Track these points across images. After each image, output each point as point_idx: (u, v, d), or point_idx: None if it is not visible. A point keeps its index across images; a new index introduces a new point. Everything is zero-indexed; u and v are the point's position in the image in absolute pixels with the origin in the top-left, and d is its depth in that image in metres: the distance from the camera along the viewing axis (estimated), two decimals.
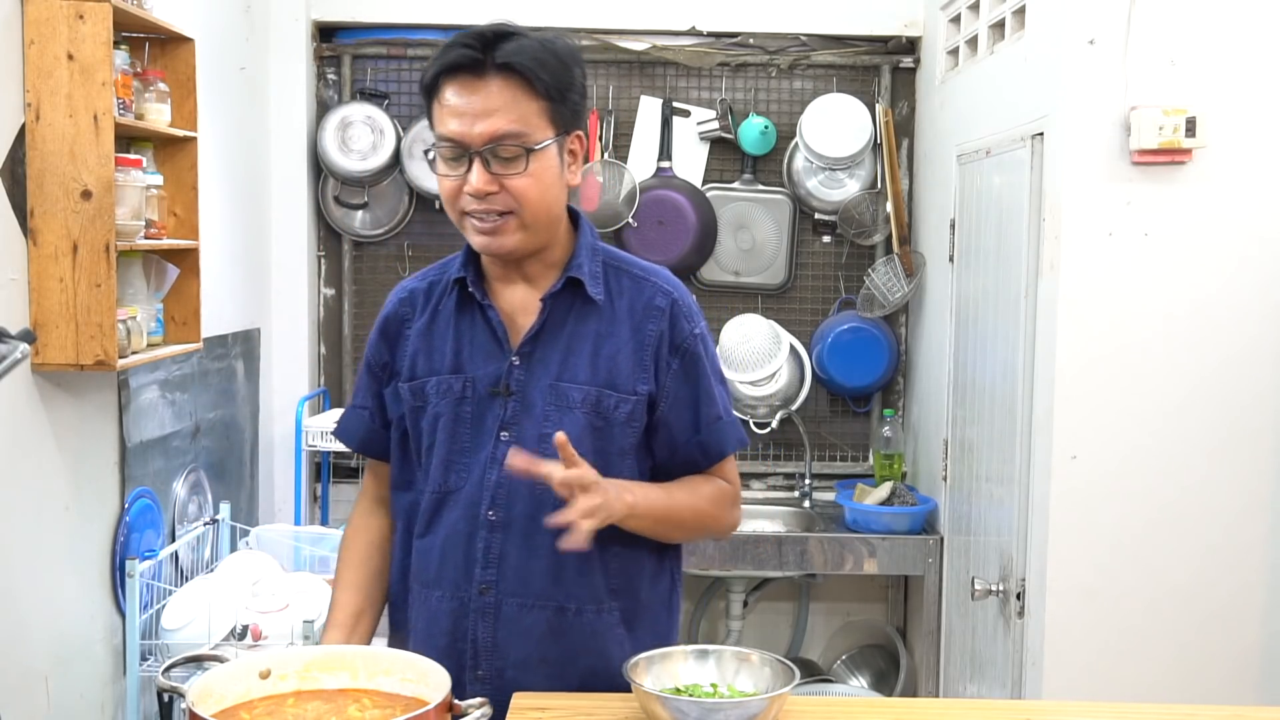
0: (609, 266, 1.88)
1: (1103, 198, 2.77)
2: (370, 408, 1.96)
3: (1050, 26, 2.89)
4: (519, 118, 1.73)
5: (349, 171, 4.01)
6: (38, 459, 2.59)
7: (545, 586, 1.82)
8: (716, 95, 4.17)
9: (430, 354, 1.86)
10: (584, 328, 1.84)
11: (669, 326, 1.86)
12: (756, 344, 3.94)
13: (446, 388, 1.84)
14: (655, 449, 1.88)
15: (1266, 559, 2.82)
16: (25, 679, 2.57)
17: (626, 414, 1.83)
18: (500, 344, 1.83)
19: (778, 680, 1.68)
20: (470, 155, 1.74)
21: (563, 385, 1.82)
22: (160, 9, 2.84)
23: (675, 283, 1.91)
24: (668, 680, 1.72)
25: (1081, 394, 2.80)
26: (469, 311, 1.86)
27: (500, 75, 1.73)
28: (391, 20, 4.12)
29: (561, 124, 1.78)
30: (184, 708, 1.45)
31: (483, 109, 1.73)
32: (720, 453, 1.90)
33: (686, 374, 1.87)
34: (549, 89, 1.75)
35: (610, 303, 1.86)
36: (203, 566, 3.24)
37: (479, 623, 1.82)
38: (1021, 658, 2.96)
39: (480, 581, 1.82)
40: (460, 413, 1.84)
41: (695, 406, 1.88)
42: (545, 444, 1.78)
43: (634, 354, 1.84)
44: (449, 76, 1.75)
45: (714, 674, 1.75)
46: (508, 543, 1.81)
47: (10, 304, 2.48)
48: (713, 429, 1.89)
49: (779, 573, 3.91)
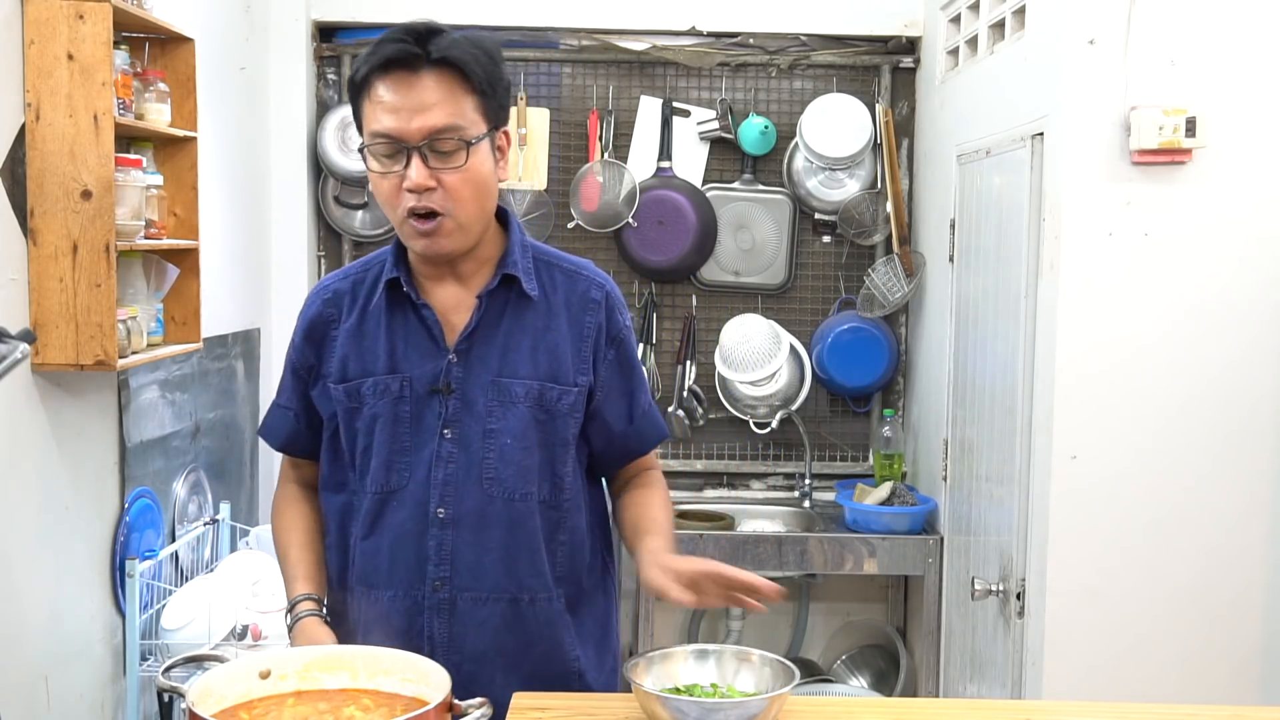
0: (539, 262, 1.91)
1: (1103, 198, 2.77)
2: (295, 409, 1.96)
3: (1050, 26, 2.89)
4: (456, 111, 1.74)
5: (349, 171, 4.01)
6: (38, 459, 2.59)
7: (498, 579, 1.85)
8: (716, 95, 4.17)
9: (362, 354, 1.87)
10: (521, 323, 1.86)
11: (605, 318, 1.91)
12: (756, 344, 3.94)
13: (384, 388, 1.84)
14: (591, 438, 1.93)
15: (1267, 558, 2.81)
16: (25, 679, 2.57)
17: (569, 405, 1.87)
18: (436, 342, 1.85)
19: (778, 680, 1.69)
20: (408, 150, 1.73)
21: (504, 381, 1.84)
22: (160, 9, 2.84)
23: (605, 276, 1.96)
24: (668, 680, 1.73)
25: (1081, 394, 2.79)
26: (401, 310, 1.87)
27: (435, 70, 1.74)
28: (391, 20, 4.07)
29: (492, 118, 1.80)
30: (184, 708, 1.45)
31: (419, 103, 1.73)
32: (656, 438, 2.00)
33: (621, 364, 1.93)
34: (481, 83, 1.76)
35: (545, 297, 1.88)
36: (203, 566, 3.24)
37: (434, 619, 1.85)
38: (1021, 658, 2.96)
39: (434, 578, 1.84)
40: (399, 412, 1.84)
41: (630, 395, 1.95)
42: (490, 439, 1.83)
43: (574, 346, 1.88)
44: (382, 73, 1.75)
45: (714, 674, 1.75)
46: (459, 539, 1.84)
47: (10, 304, 2.48)
48: (647, 417, 1.98)
49: (779, 573, 3.90)
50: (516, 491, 1.85)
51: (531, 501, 1.86)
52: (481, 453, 1.84)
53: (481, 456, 1.84)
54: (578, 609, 1.93)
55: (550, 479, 1.88)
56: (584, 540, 1.94)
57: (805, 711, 1.76)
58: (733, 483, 4.27)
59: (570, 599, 1.92)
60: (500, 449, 1.83)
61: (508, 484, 1.84)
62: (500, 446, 1.83)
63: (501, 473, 1.84)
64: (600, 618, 1.98)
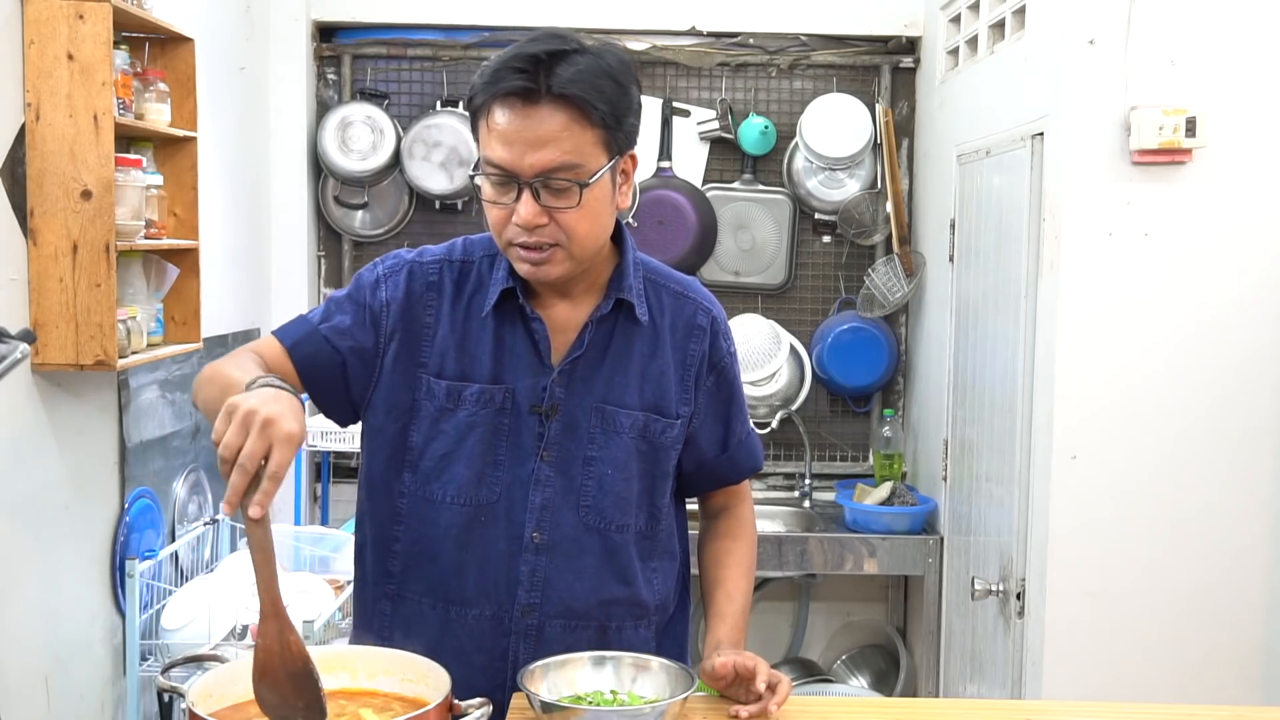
0: (649, 282, 1.83)
1: (1103, 198, 2.77)
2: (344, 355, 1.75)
3: (1050, 26, 2.89)
4: (573, 149, 1.63)
5: (349, 171, 4.01)
6: (38, 459, 2.59)
7: (589, 608, 1.79)
8: (716, 95, 4.17)
9: (462, 354, 1.76)
10: (629, 348, 1.79)
11: (709, 346, 1.84)
12: (756, 344, 3.94)
13: (488, 398, 1.75)
14: (683, 461, 1.86)
15: (1267, 558, 2.81)
16: (25, 679, 2.57)
17: (672, 438, 1.81)
18: (541, 358, 1.76)
19: (676, 687, 1.65)
20: (520, 185, 1.63)
21: (609, 409, 1.77)
22: (160, 9, 2.84)
23: (712, 299, 1.88)
24: (565, 688, 1.67)
25: (1081, 394, 2.79)
26: (509, 318, 1.77)
27: (555, 103, 1.62)
28: (391, 20, 4.12)
29: (616, 148, 1.70)
30: (184, 708, 1.45)
31: (535, 139, 1.61)
32: (752, 468, 1.93)
33: (719, 391, 1.86)
34: (605, 117, 1.66)
35: (653, 322, 1.81)
36: (203, 566, 3.24)
37: (520, 644, 1.78)
38: (1021, 658, 2.96)
39: (524, 603, 1.77)
40: (499, 425, 1.75)
41: (727, 423, 1.88)
42: (590, 467, 1.76)
43: (678, 374, 1.82)
44: (501, 100, 1.63)
45: (612, 681, 1.70)
46: (552, 566, 1.77)
47: (10, 304, 2.48)
48: (743, 446, 1.91)
49: (779, 573, 3.91)
50: (614, 522, 1.79)
51: (628, 533, 1.80)
52: (581, 480, 1.77)
53: (580, 484, 1.77)
54: (663, 633, 1.89)
55: (649, 509, 1.82)
56: (675, 569, 1.90)
57: (805, 711, 1.75)
58: None
59: (659, 624, 1.88)
60: (600, 478, 1.77)
61: (606, 513, 1.78)
62: (600, 475, 1.77)
63: (600, 502, 1.77)
64: (678, 638, 1.94)
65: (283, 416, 1.39)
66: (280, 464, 1.37)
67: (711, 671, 1.71)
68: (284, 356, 1.75)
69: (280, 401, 1.43)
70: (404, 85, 4.16)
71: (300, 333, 1.78)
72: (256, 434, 1.38)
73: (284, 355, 1.76)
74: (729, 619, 1.85)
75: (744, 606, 1.88)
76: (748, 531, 1.96)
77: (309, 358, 1.76)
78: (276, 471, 1.37)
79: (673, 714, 1.59)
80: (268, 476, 1.37)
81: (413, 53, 4.14)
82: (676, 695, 1.61)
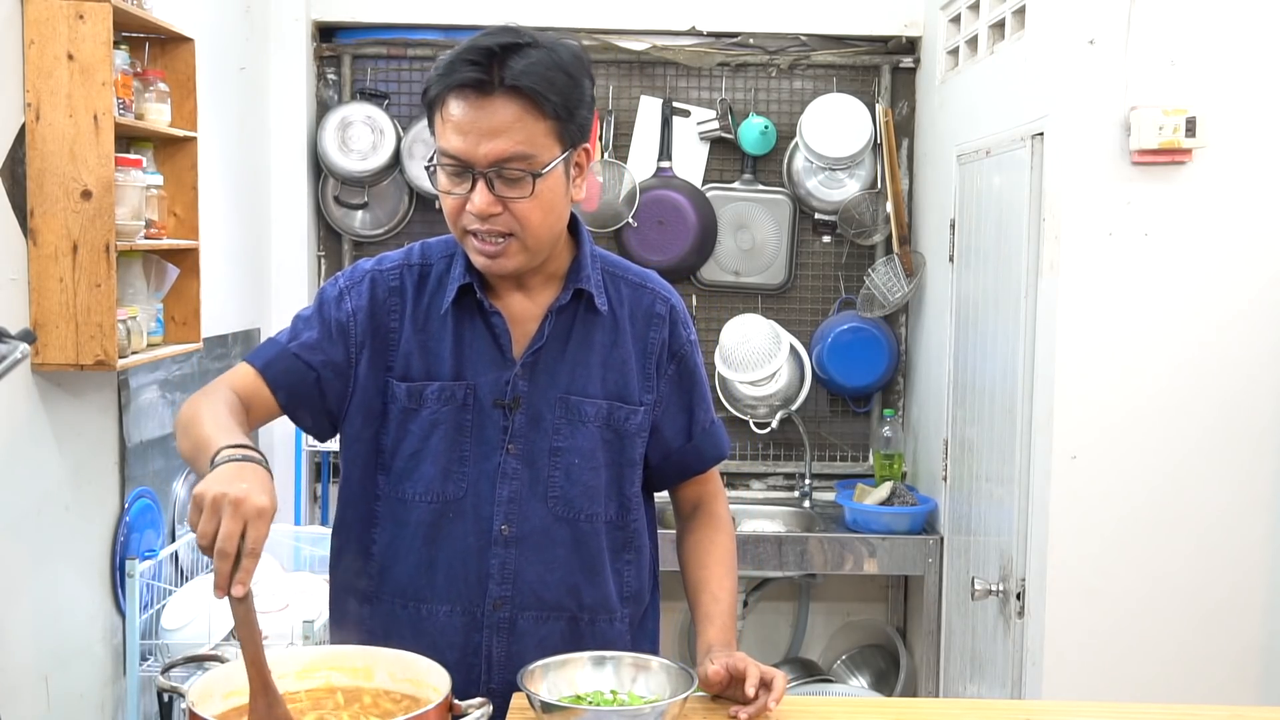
0: (607, 274, 1.85)
1: (1103, 198, 2.77)
2: (318, 370, 1.78)
3: (1050, 26, 2.89)
4: (525, 139, 1.66)
5: (349, 171, 4.01)
6: (38, 459, 2.59)
7: (561, 599, 1.81)
8: (716, 95, 4.17)
9: (425, 354, 1.79)
10: (590, 338, 1.81)
11: (669, 334, 1.86)
12: (756, 344, 3.94)
13: (449, 395, 1.78)
14: (648, 452, 1.88)
15: (1266, 558, 2.81)
16: (25, 679, 2.57)
17: (637, 425, 1.83)
18: (503, 352, 1.79)
19: (676, 687, 1.65)
20: (474, 175, 1.66)
21: (573, 399, 1.79)
22: (160, 9, 2.84)
23: (670, 289, 1.91)
24: (565, 688, 1.67)
25: (1081, 394, 2.80)
26: (469, 315, 1.80)
27: (507, 95, 1.65)
28: (391, 20, 4.12)
29: (569, 140, 1.71)
30: (184, 708, 1.45)
31: (488, 129, 1.65)
32: (717, 456, 1.94)
33: (681, 379, 1.88)
34: (557, 109, 1.67)
35: (612, 312, 1.83)
36: (203, 566, 3.24)
37: (493, 637, 1.80)
38: (1021, 658, 2.96)
39: (495, 597, 1.79)
40: (462, 422, 1.78)
41: (690, 411, 1.90)
42: (556, 458, 1.78)
43: (639, 363, 1.84)
44: (455, 91, 1.67)
45: (612, 681, 1.70)
46: (522, 558, 1.79)
47: (10, 304, 2.48)
48: (708, 434, 1.92)
49: (779, 573, 3.91)
50: (583, 511, 1.80)
51: (598, 522, 1.82)
52: (548, 471, 1.79)
53: (548, 475, 1.79)
54: (637, 627, 1.90)
55: (618, 499, 1.84)
56: (648, 560, 1.91)
57: (805, 711, 1.76)
58: (733, 483, 4.26)
59: (633, 617, 1.89)
60: (567, 468, 1.79)
61: (574, 503, 1.80)
62: (567, 465, 1.79)
63: (568, 492, 1.79)
64: (651, 634, 1.95)
65: (250, 493, 1.41)
66: (256, 540, 1.41)
67: (705, 680, 1.71)
68: (258, 380, 1.79)
69: (244, 476, 1.44)
70: (404, 85, 4.16)
71: (270, 354, 1.81)
72: (229, 518, 1.40)
73: (257, 379, 1.79)
74: (717, 620, 1.85)
75: (730, 606, 1.88)
76: (725, 527, 1.96)
77: (282, 376, 1.79)
78: (254, 549, 1.41)
79: (673, 714, 1.59)
80: (246, 554, 1.41)
81: (413, 53, 4.14)
82: (676, 695, 1.62)
